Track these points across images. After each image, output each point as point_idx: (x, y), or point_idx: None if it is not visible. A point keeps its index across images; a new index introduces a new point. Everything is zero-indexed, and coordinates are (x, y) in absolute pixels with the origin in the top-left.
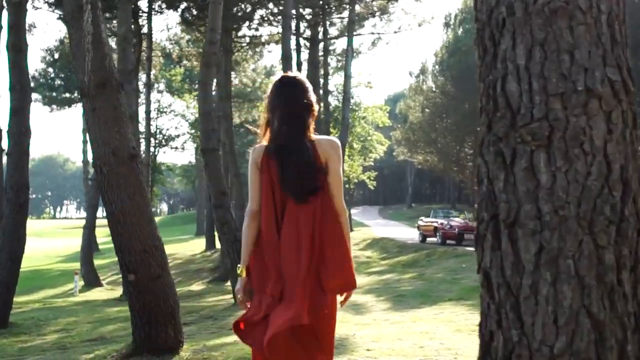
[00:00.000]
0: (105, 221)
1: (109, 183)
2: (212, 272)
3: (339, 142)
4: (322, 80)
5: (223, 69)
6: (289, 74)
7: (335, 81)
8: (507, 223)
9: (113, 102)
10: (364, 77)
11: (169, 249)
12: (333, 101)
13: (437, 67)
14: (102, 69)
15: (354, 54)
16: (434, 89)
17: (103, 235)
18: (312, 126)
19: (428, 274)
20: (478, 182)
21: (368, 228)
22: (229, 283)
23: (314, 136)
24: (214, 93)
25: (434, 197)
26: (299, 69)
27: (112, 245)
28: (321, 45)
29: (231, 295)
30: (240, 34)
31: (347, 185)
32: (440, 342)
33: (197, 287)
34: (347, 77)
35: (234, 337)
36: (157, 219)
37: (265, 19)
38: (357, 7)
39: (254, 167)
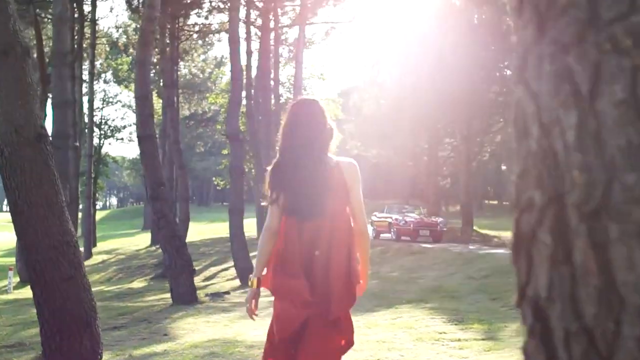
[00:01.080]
0: None
1: (11, 167)
2: (155, 269)
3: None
4: (272, 70)
5: (169, 55)
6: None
7: (288, 72)
8: (586, 210)
9: (17, 72)
10: (317, 69)
11: (113, 243)
12: (285, 93)
13: (394, 57)
14: (5, 33)
15: (307, 44)
16: (388, 81)
17: None
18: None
19: (382, 272)
20: (517, 136)
21: None
22: None
23: None
24: (160, 81)
25: (389, 193)
26: (249, 58)
27: None
28: (273, 34)
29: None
30: (190, 22)
31: None
32: (401, 353)
33: (138, 284)
34: (299, 65)
35: (165, 346)
36: (104, 212)
37: (215, 6)
38: None
39: None
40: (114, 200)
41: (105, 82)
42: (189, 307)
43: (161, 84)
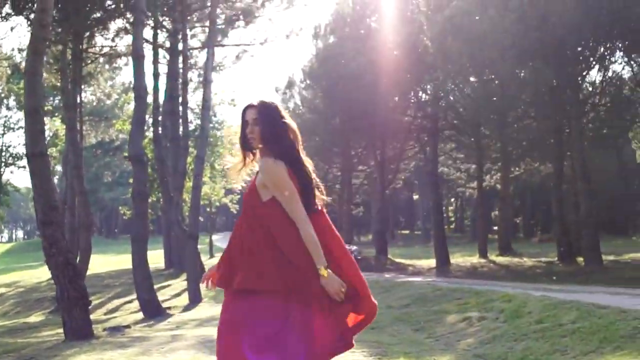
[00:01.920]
0: None
1: None
2: (54, 302)
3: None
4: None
5: (72, 76)
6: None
7: (197, 97)
8: None
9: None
10: (228, 94)
11: (14, 276)
12: (195, 120)
13: (305, 81)
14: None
15: (217, 68)
16: (300, 106)
17: None
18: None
19: None
20: None
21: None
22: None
23: None
24: (56, 100)
25: None
26: (156, 80)
27: None
28: (181, 57)
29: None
30: (98, 44)
31: (207, 210)
32: None
33: (35, 318)
34: (207, 83)
35: None
36: (9, 245)
37: (123, 27)
38: (219, 9)
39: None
40: (20, 233)
41: (7, 108)
42: (83, 343)
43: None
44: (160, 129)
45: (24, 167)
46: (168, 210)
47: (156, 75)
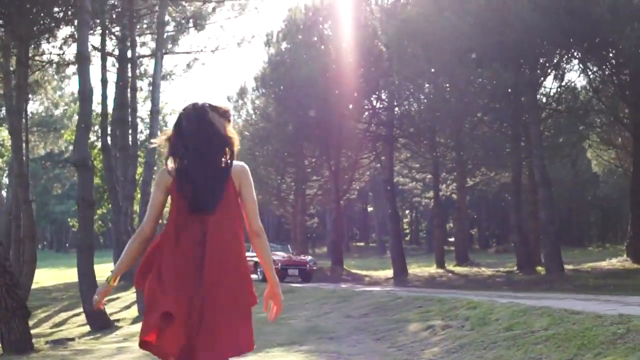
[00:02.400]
0: None
1: None
2: None
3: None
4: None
5: (17, 82)
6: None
7: (148, 107)
8: None
9: None
10: (179, 103)
11: None
12: (145, 129)
13: (257, 88)
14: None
15: (168, 77)
16: (253, 115)
17: None
18: None
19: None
20: None
21: None
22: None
23: None
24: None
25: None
26: (104, 87)
27: None
28: (130, 65)
29: None
30: (46, 51)
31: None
32: None
33: None
34: (156, 88)
35: None
36: None
37: (71, 34)
38: (168, 15)
39: None
40: None
41: None
42: (21, 357)
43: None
44: (109, 138)
45: None
46: (117, 221)
47: (104, 82)
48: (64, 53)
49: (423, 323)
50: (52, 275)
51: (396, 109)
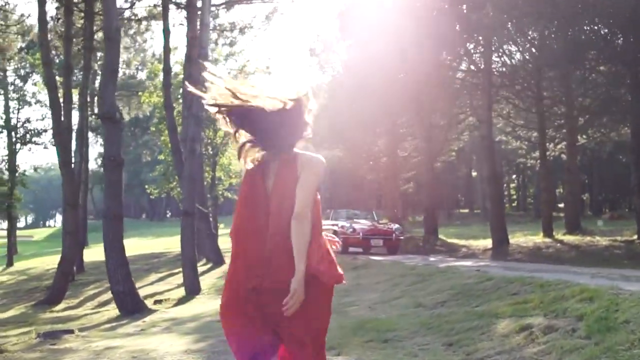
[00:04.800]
0: None
1: None
2: (45, 293)
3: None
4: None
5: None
6: None
7: (229, 66)
8: None
9: None
10: (262, 61)
11: (32, 262)
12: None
13: (342, 40)
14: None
15: (246, 29)
16: (340, 69)
17: None
18: None
19: None
20: None
21: None
22: (60, 306)
23: None
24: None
25: (355, 203)
26: (166, 38)
27: None
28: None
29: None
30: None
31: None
32: None
33: (12, 312)
34: (204, 26)
35: None
36: (51, 230)
37: None
38: None
39: None
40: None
41: (20, 77)
42: None
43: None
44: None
45: (43, 144)
46: (181, 186)
47: (166, 32)
48: (133, 5)
49: (517, 321)
50: (134, 245)
51: (495, 53)
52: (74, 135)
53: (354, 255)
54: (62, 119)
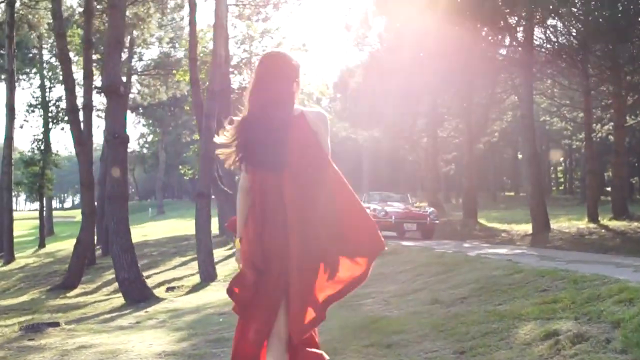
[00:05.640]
0: None
1: None
2: (62, 277)
3: None
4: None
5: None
6: None
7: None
8: None
9: None
10: (298, 39)
11: (63, 244)
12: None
13: (378, 9)
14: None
15: (280, 3)
16: (378, 45)
17: None
18: None
19: None
20: None
21: None
22: (75, 291)
23: None
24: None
25: (396, 185)
26: (192, 12)
27: None
28: None
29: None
30: None
31: None
32: None
33: (27, 297)
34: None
35: None
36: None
37: None
38: None
39: None
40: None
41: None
42: None
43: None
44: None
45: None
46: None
47: (192, 4)
48: None
49: (543, 325)
50: (171, 227)
51: (538, 29)
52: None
53: (385, 240)
54: (84, 95)
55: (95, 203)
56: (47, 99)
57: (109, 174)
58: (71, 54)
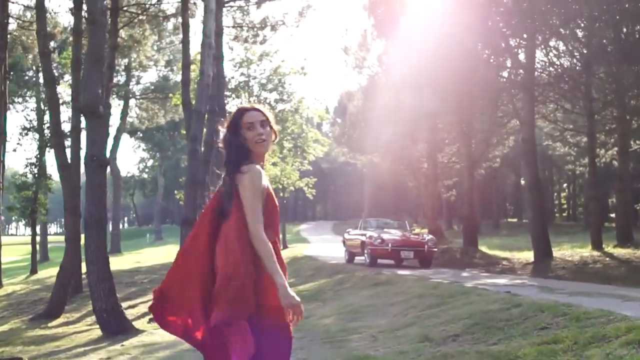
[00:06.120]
0: None
1: None
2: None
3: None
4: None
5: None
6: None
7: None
8: None
9: None
10: (297, 62)
11: (54, 271)
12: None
13: (377, 38)
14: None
15: (277, 25)
16: (378, 67)
17: None
18: None
19: (318, 315)
20: None
21: (305, 245)
22: (58, 320)
23: None
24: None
25: (398, 212)
26: (186, 34)
27: None
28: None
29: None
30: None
31: (281, 194)
32: None
33: (7, 326)
34: (209, 12)
35: None
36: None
37: None
38: None
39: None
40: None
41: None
42: None
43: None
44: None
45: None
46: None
47: (185, 26)
48: (157, 2)
49: None
50: (170, 253)
51: (538, 47)
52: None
53: (380, 269)
54: (72, 117)
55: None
56: (43, 121)
57: (87, 198)
58: (67, 76)
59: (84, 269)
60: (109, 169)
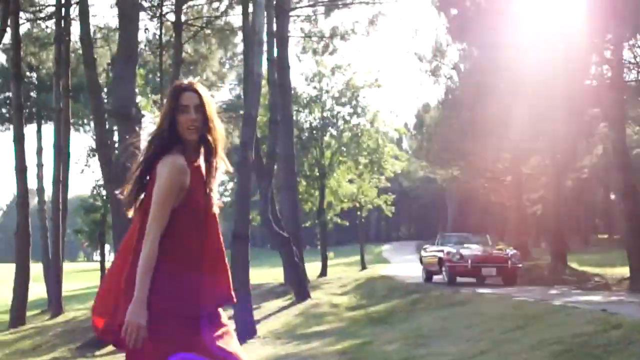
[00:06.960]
0: None
1: None
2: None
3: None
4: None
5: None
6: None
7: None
8: None
9: None
10: (371, 74)
11: None
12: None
13: (453, 37)
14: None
15: (346, 35)
16: (455, 78)
17: None
18: None
19: (381, 341)
20: None
21: (384, 266)
22: (108, 348)
23: None
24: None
25: (484, 228)
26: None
27: None
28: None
29: None
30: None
31: (358, 213)
32: None
33: (51, 356)
34: (257, 6)
35: None
36: None
37: None
38: None
39: None
40: None
41: None
42: None
43: None
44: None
45: None
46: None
47: (246, 31)
48: (221, 15)
49: None
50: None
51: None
52: None
53: (458, 288)
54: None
55: None
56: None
57: (112, 208)
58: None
59: None
60: None
